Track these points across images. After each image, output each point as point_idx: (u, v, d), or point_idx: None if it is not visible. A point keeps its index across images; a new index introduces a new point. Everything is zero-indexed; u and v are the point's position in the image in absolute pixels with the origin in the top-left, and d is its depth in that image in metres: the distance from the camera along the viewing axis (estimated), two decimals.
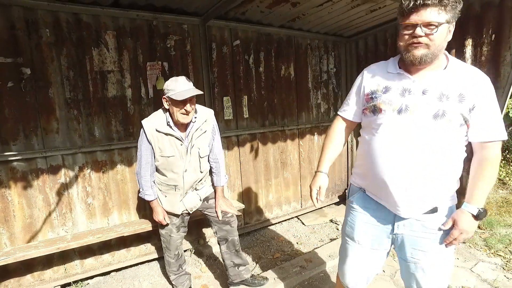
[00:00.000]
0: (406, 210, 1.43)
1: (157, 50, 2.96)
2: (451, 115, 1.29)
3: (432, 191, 1.38)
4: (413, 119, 1.33)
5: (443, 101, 1.30)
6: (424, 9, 1.23)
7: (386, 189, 1.43)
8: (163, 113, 2.14)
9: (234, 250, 2.41)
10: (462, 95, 1.29)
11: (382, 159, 1.41)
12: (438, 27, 1.23)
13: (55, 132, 2.58)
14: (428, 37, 1.25)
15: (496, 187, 4.58)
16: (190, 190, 2.32)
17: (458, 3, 1.25)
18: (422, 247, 1.45)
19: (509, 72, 2.97)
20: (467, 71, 1.34)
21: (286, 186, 4.06)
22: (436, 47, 1.27)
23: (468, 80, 1.31)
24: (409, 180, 1.36)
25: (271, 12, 3.22)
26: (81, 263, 2.82)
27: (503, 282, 2.46)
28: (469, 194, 1.37)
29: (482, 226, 3.35)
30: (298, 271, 2.69)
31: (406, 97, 1.37)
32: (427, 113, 1.32)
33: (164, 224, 2.30)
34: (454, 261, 2.78)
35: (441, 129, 1.31)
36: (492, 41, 3.10)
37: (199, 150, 2.22)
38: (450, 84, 1.32)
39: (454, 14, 1.25)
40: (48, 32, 2.49)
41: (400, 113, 1.36)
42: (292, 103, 3.99)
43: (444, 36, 1.27)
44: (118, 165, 2.87)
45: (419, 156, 1.33)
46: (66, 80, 2.59)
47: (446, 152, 1.34)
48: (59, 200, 2.66)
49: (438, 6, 1.21)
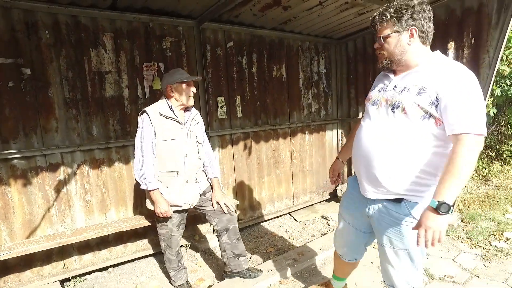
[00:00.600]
0: (369, 191, 1.60)
1: (153, 52, 3.05)
2: (406, 106, 1.42)
3: (391, 179, 1.50)
4: (379, 110, 1.55)
5: (402, 94, 1.47)
6: (378, 25, 1.52)
7: (357, 171, 1.67)
8: (163, 101, 2.32)
9: (235, 239, 2.51)
10: (423, 88, 1.40)
11: (356, 144, 1.64)
12: (384, 37, 1.49)
13: (54, 130, 2.66)
14: (383, 46, 1.52)
15: (480, 183, 4.79)
16: (192, 182, 2.39)
17: (402, 14, 1.44)
18: (389, 233, 1.59)
19: (488, 73, 3.15)
20: (439, 68, 1.42)
21: (279, 183, 4.18)
22: (390, 54, 1.51)
23: (435, 75, 1.40)
24: (369, 163, 1.55)
25: (263, 15, 3.34)
26: (80, 258, 2.89)
27: (482, 270, 2.62)
28: (436, 189, 1.32)
29: (465, 220, 3.53)
30: (291, 263, 2.80)
31: (381, 92, 1.60)
32: (388, 105, 1.51)
33: (169, 216, 2.31)
34: (438, 253, 2.94)
35: (399, 119, 1.46)
36: (472, 44, 3.27)
37: (196, 136, 2.40)
38: (415, 80, 1.46)
39: (402, 23, 1.45)
40: (47, 34, 2.57)
41: (373, 105, 1.61)
42: (284, 103, 4.12)
43: (395, 43, 1.48)
44: (115, 163, 2.95)
45: (379, 143, 1.51)
46: (65, 80, 2.66)
47: (405, 143, 1.44)
48: (58, 197, 2.73)
49: (384, 21, 1.48)
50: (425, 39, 1.49)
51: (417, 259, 1.61)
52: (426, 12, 1.47)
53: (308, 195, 4.53)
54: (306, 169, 4.44)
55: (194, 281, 2.75)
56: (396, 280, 1.67)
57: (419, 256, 1.61)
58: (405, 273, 1.64)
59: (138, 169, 2.25)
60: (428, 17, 1.48)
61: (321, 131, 4.58)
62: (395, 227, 1.56)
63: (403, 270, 1.63)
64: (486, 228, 3.30)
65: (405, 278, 1.65)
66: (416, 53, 1.49)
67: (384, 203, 1.57)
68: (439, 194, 1.29)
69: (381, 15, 1.50)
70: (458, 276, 2.56)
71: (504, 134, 5.17)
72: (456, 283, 2.48)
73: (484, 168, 5.00)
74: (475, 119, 1.30)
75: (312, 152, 4.48)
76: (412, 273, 1.64)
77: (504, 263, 2.70)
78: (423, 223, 1.31)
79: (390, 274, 1.69)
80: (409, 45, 1.47)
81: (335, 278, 2.28)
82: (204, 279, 2.78)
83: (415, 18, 1.44)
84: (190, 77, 2.30)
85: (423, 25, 1.46)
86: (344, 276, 2.25)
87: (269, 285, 2.57)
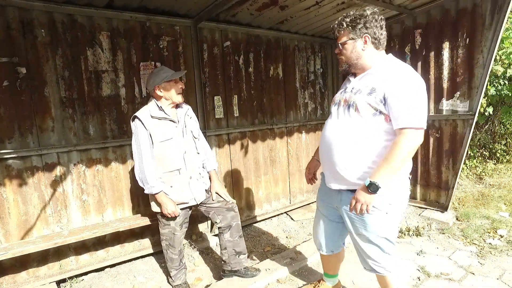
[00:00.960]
0: (332, 183, 1.79)
1: (150, 51, 3.04)
2: (358, 105, 1.62)
3: (348, 170, 1.68)
4: (339, 110, 1.74)
5: (356, 94, 1.66)
6: (337, 33, 1.73)
7: (322, 165, 1.89)
8: (152, 103, 2.29)
9: (238, 236, 2.52)
10: (374, 89, 1.60)
11: (320, 141, 1.86)
12: (342, 43, 1.70)
13: (51, 130, 2.63)
14: (341, 52, 1.72)
15: (474, 182, 4.85)
16: (196, 178, 2.38)
17: (357, 23, 1.63)
18: (354, 221, 1.77)
19: (482, 73, 3.20)
20: (388, 70, 1.61)
21: (275, 183, 4.19)
22: (348, 58, 1.71)
23: (383, 76, 1.59)
24: (330, 158, 1.74)
25: (260, 15, 3.35)
26: (76, 259, 2.87)
27: (477, 267, 2.66)
28: (372, 171, 1.57)
29: (460, 218, 3.57)
30: (288, 262, 2.81)
31: (342, 94, 1.79)
32: (346, 105, 1.70)
33: (177, 215, 2.30)
34: (433, 250, 2.97)
35: (354, 117, 1.65)
36: (467, 44, 3.32)
37: (192, 131, 2.39)
38: (368, 81, 1.65)
39: (357, 31, 1.64)
40: (43, 32, 2.54)
41: (335, 106, 1.80)
42: (280, 103, 4.13)
43: (351, 49, 1.68)
44: (112, 163, 2.93)
45: (338, 139, 1.69)
46: (61, 79, 2.64)
47: (360, 138, 1.63)
48: (54, 197, 2.70)
49: (341, 30, 1.69)
50: (378, 45, 1.68)
51: (384, 245, 1.76)
52: (378, 21, 1.65)
53: (304, 194, 4.55)
54: (303, 168, 4.45)
55: (191, 280, 2.75)
56: (371, 264, 1.84)
57: (386, 241, 1.76)
58: (377, 258, 1.80)
59: (139, 175, 2.24)
60: (380, 26, 1.66)
61: (318, 130, 4.60)
62: (360, 215, 1.71)
63: (374, 255, 1.80)
64: (481, 226, 3.34)
65: (378, 263, 1.81)
66: (370, 58, 1.68)
67: (348, 193, 1.73)
68: (373, 176, 1.54)
69: (338, 24, 1.70)
70: (454, 273, 2.59)
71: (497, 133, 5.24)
72: (452, 280, 2.51)
73: (478, 167, 5.07)
74: (415, 115, 1.49)
75: (308, 152, 4.50)
76: (382, 257, 1.79)
77: (498, 260, 2.74)
78: (356, 196, 1.60)
79: (365, 259, 1.86)
80: (364, 50, 1.67)
81: (326, 276, 2.35)
82: (202, 279, 2.78)
83: (368, 27, 1.63)
84: (175, 74, 2.28)
85: (375, 32, 1.65)
86: (334, 272, 2.32)
87: (267, 284, 2.58)
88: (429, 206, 3.88)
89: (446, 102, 3.60)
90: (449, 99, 3.56)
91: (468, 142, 3.43)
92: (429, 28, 3.61)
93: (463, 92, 3.43)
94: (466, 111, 3.42)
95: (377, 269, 1.84)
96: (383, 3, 3.31)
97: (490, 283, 2.45)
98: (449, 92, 3.56)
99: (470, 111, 3.39)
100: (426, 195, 3.98)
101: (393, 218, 1.73)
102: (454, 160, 3.60)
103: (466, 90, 3.40)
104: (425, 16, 3.63)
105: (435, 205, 3.84)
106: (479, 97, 3.26)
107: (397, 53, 3.95)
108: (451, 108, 3.56)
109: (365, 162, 1.64)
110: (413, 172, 4.05)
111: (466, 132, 3.42)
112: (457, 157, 3.56)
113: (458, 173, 3.56)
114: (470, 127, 3.37)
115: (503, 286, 2.40)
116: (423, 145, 3.87)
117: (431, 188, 3.90)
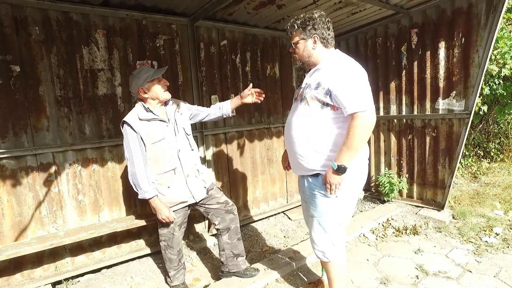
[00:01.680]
0: (296, 170, 2.01)
1: (147, 49, 3.01)
2: (308, 99, 1.81)
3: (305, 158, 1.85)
4: (296, 105, 1.93)
5: (306, 89, 1.85)
6: (290, 34, 1.91)
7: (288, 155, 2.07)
8: (139, 105, 2.23)
9: (236, 238, 2.50)
10: (319, 83, 1.77)
11: (284, 133, 2.04)
12: (295, 43, 1.88)
13: (46, 129, 2.59)
14: (295, 51, 1.90)
15: (469, 181, 4.89)
16: (193, 176, 2.34)
17: (306, 25, 1.80)
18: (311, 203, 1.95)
19: (477, 72, 3.22)
20: (332, 65, 1.78)
21: (273, 182, 4.18)
22: (300, 56, 1.89)
23: (328, 71, 1.77)
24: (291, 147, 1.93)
25: (257, 14, 3.34)
26: (72, 260, 2.83)
27: (474, 265, 2.68)
28: (337, 155, 1.72)
29: (456, 216, 3.60)
30: (287, 262, 2.80)
31: (299, 89, 1.97)
32: (300, 99, 1.89)
33: (171, 220, 2.27)
34: (431, 249, 2.99)
35: (305, 110, 1.83)
36: (462, 44, 3.34)
37: (184, 128, 2.35)
38: (316, 77, 1.82)
39: (307, 32, 1.81)
40: (37, 30, 2.50)
41: (294, 101, 2.00)
42: (277, 102, 4.12)
43: (302, 48, 1.85)
44: (108, 163, 2.90)
45: (295, 130, 1.87)
46: (57, 78, 2.60)
47: (312, 128, 1.80)
48: (50, 198, 2.66)
49: (294, 31, 1.87)
50: (326, 44, 1.86)
51: (329, 230, 1.93)
52: (325, 23, 1.83)
53: None
54: None
55: (190, 281, 2.73)
56: (314, 247, 2.03)
57: (331, 227, 1.92)
58: (318, 241, 1.98)
59: (132, 180, 2.20)
60: (327, 27, 1.84)
61: None
62: (313, 198, 1.91)
63: (317, 238, 1.98)
64: (477, 224, 3.37)
65: (321, 247, 1.98)
66: (320, 55, 1.86)
67: (308, 178, 1.92)
68: (337, 159, 1.71)
69: (291, 26, 1.88)
70: (451, 272, 2.60)
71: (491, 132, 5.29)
72: (450, 278, 2.52)
73: (473, 166, 5.11)
74: (358, 100, 1.66)
75: None
76: (326, 243, 1.96)
77: (494, 258, 2.76)
78: (328, 180, 1.76)
79: (312, 243, 2.05)
80: (314, 49, 1.85)
81: (323, 271, 2.40)
82: (200, 279, 2.76)
83: (316, 28, 1.81)
84: (157, 72, 2.19)
85: (323, 33, 1.83)
86: None
87: (266, 284, 2.57)
88: (425, 204, 3.91)
89: (442, 101, 3.62)
90: (445, 98, 3.59)
91: (464, 141, 3.45)
92: (425, 27, 3.63)
93: (459, 91, 3.45)
94: (462, 110, 3.44)
95: (317, 253, 2.02)
96: (380, 3, 3.32)
97: (487, 280, 2.47)
98: (445, 91, 3.58)
99: (466, 110, 3.41)
100: (422, 193, 4.00)
101: (343, 203, 1.89)
102: (450, 159, 3.63)
103: (462, 89, 3.43)
104: (421, 15, 3.65)
105: (431, 204, 3.87)
106: (474, 96, 3.29)
107: (393, 52, 3.98)
108: (447, 107, 3.59)
109: (321, 149, 1.81)
110: (410, 171, 4.08)
111: (462, 131, 3.44)
112: (453, 156, 3.59)
113: (454, 172, 3.59)
114: (466, 126, 3.39)
115: (500, 283, 2.42)
116: (420, 144, 3.90)
117: (428, 187, 3.92)
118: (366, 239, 3.29)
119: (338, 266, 2.02)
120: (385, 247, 3.10)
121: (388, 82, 4.12)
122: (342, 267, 2.04)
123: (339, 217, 1.93)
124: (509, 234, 3.13)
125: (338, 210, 1.90)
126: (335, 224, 1.93)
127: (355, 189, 1.93)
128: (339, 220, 1.93)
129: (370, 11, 3.56)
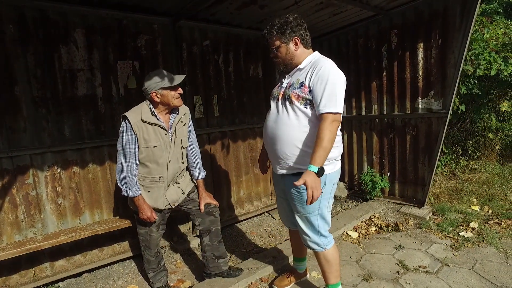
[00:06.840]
0: (277, 169, 2.01)
1: (128, 49, 2.97)
2: (292, 98, 1.82)
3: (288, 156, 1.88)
4: (277, 104, 1.93)
5: (289, 88, 1.87)
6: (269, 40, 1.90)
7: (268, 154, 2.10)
8: (147, 105, 2.19)
9: (216, 241, 2.49)
10: (302, 83, 1.81)
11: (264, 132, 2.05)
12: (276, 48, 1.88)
13: (22, 131, 2.52)
14: (277, 55, 1.91)
15: (448, 178, 5.03)
16: (172, 183, 2.35)
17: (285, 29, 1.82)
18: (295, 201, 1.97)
19: (453, 73, 3.32)
20: (312, 65, 1.82)
21: (257, 182, 4.20)
22: (284, 60, 1.91)
23: (307, 72, 1.82)
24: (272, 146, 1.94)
25: (240, 14, 3.34)
26: (52, 265, 2.76)
27: (451, 259, 2.76)
28: (312, 158, 1.68)
29: (436, 213, 3.70)
30: (271, 261, 2.82)
31: (279, 89, 1.99)
32: (282, 98, 1.90)
33: (152, 221, 2.26)
34: (412, 245, 3.06)
35: (289, 109, 1.84)
36: (439, 45, 3.44)
37: (181, 141, 2.31)
38: (298, 76, 1.86)
39: (287, 36, 1.84)
40: (11, 28, 2.43)
41: (273, 100, 2.00)
42: (260, 102, 4.13)
43: (285, 52, 1.87)
44: (89, 164, 2.84)
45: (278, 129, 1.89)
46: (33, 78, 2.53)
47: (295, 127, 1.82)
48: (27, 201, 2.59)
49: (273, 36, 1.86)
50: (306, 44, 1.90)
51: (317, 223, 1.97)
52: (301, 25, 1.87)
53: None
54: None
55: (173, 282, 2.70)
56: (307, 241, 2.04)
57: (320, 219, 1.97)
58: (311, 235, 2.00)
59: (119, 176, 2.17)
60: (304, 28, 1.88)
61: None
62: (298, 196, 1.93)
63: (309, 232, 2.00)
64: (455, 220, 3.48)
65: (312, 240, 2.01)
66: (302, 56, 1.90)
67: (290, 177, 1.91)
68: (314, 161, 1.66)
69: (269, 33, 1.88)
70: (430, 266, 2.68)
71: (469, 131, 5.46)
72: (429, 272, 2.60)
73: (451, 163, 5.27)
74: (332, 101, 1.69)
75: None
76: (316, 235, 2.00)
77: (470, 252, 2.86)
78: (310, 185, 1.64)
79: (303, 236, 2.06)
80: (296, 51, 1.88)
81: (295, 260, 2.51)
82: (184, 280, 2.74)
83: (295, 30, 1.84)
84: (175, 79, 2.15)
85: (302, 34, 1.87)
86: (301, 255, 2.47)
87: (250, 283, 2.57)
88: (407, 202, 4.00)
89: (421, 101, 3.72)
90: (424, 98, 3.69)
91: (442, 139, 3.55)
92: (404, 29, 3.72)
93: (437, 91, 3.55)
94: (440, 109, 3.55)
95: (311, 245, 2.04)
96: (360, 4, 3.38)
97: (463, 273, 2.55)
98: (424, 91, 3.68)
99: (443, 109, 3.51)
100: (404, 191, 4.09)
101: (325, 198, 1.93)
102: (430, 157, 3.73)
103: (440, 89, 3.53)
104: (400, 17, 3.73)
105: (412, 201, 3.96)
106: (451, 95, 3.39)
107: (374, 53, 4.06)
108: (426, 107, 3.69)
109: (304, 148, 1.83)
110: (391, 169, 4.16)
111: (441, 129, 3.55)
112: (432, 154, 3.69)
113: (434, 169, 3.69)
114: (444, 124, 3.50)
115: (475, 275, 2.51)
116: (400, 142, 3.99)
117: (409, 185, 4.01)
118: (349, 237, 3.34)
119: (333, 253, 2.05)
120: (367, 244, 3.16)
121: (369, 82, 4.20)
122: (336, 253, 2.08)
123: (326, 207, 1.98)
124: (484, 228, 3.25)
125: (324, 203, 1.95)
126: (323, 214, 1.98)
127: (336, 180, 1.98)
128: (325, 211, 1.98)
129: (351, 12, 3.62)
